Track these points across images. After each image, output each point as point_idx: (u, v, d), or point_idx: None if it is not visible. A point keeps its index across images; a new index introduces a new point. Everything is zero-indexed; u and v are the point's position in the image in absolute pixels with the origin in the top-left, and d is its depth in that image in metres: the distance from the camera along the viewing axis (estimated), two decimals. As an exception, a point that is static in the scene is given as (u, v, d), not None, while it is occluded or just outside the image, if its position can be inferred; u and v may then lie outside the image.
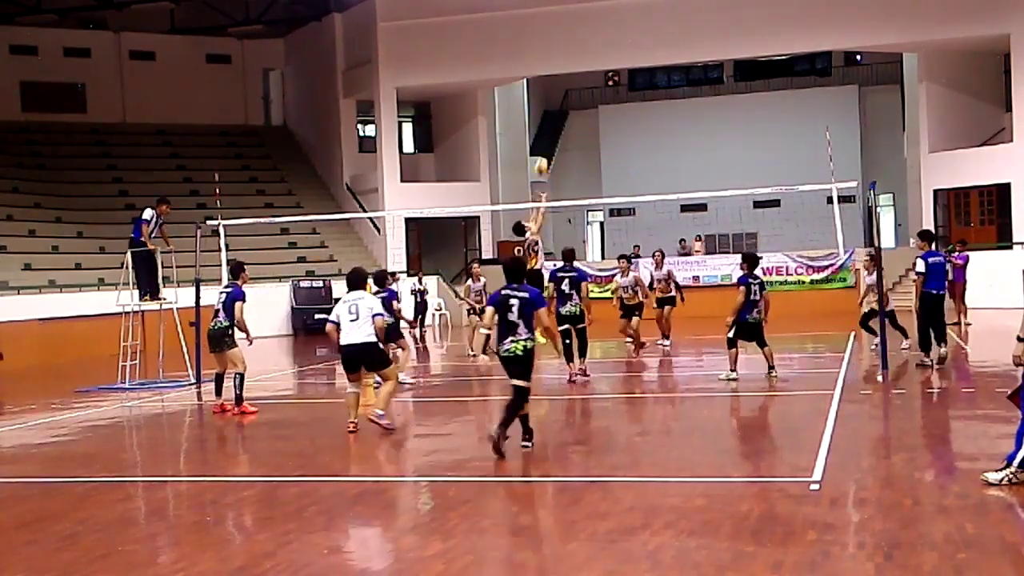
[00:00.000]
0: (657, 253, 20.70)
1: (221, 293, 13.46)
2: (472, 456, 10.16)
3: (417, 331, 26.76)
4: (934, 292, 14.88)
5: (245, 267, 13.75)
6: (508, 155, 39.50)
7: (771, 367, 14.29)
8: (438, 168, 37.49)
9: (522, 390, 9.70)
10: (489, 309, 9.92)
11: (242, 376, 13.24)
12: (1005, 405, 8.57)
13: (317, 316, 30.13)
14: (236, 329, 13.34)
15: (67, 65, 36.76)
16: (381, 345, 11.29)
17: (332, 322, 11.14)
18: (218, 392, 13.58)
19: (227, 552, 6.94)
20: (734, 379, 14.07)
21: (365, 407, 11.37)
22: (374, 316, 10.99)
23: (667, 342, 19.70)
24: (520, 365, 9.68)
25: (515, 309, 9.66)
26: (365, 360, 11.12)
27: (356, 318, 10.94)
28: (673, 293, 20.17)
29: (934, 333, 14.92)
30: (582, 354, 15.03)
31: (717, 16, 30.92)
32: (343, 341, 11.03)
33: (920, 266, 14.80)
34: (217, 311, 13.32)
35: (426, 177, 36.55)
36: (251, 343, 13.80)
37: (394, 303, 14.95)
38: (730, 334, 14.25)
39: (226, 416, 13.16)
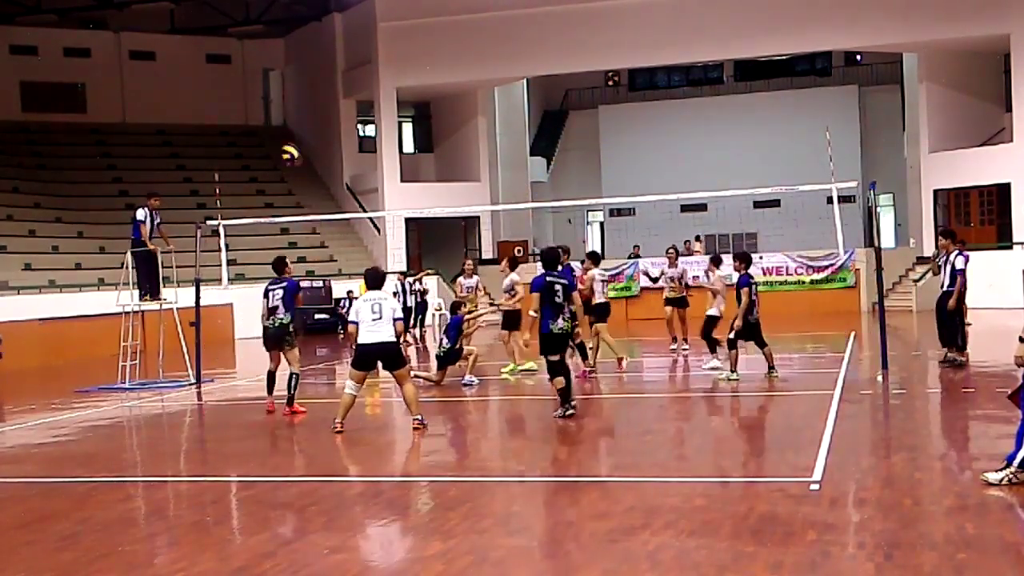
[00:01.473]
0: (671, 251, 19.67)
1: (274, 289, 12.73)
2: (472, 456, 10.17)
3: (417, 331, 26.76)
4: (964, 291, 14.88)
5: (287, 260, 13.28)
6: (508, 155, 39.51)
7: (771, 367, 14.28)
8: (438, 168, 37.50)
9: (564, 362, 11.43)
10: (535, 294, 11.44)
11: (298, 376, 12.91)
12: (1005, 405, 8.57)
13: (317, 316, 30.16)
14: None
15: (67, 65, 36.78)
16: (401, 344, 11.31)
17: (353, 322, 11.05)
18: (270, 390, 13.11)
19: (227, 552, 6.94)
20: (735, 379, 14.06)
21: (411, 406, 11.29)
22: (395, 320, 10.95)
23: (686, 346, 18.63)
24: (567, 340, 11.58)
25: (560, 292, 11.31)
26: (384, 359, 11.06)
27: (380, 317, 10.86)
28: (684, 293, 19.12)
29: (944, 335, 14.90)
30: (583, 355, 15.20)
31: (717, 16, 30.94)
32: (363, 340, 10.93)
33: (960, 262, 14.68)
34: (275, 307, 12.69)
35: (426, 177, 36.57)
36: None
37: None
38: (731, 335, 14.21)
39: (273, 416, 12.80)
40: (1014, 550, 6.27)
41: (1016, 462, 7.49)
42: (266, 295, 12.83)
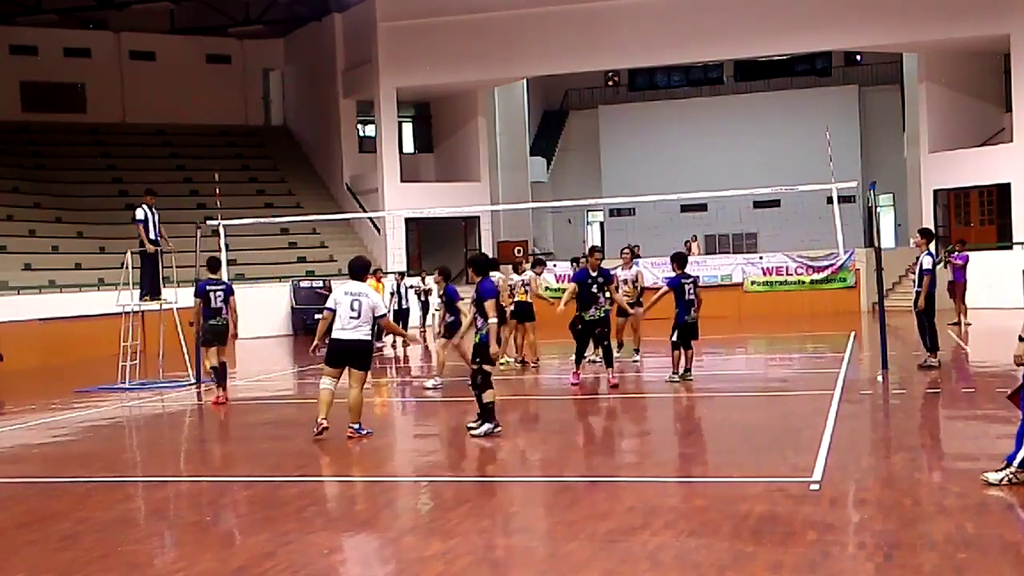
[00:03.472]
0: (626, 251, 17.91)
1: (215, 290, 13.93)
2: (472, 456, 10.16)
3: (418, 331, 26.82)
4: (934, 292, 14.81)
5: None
6: (508, 155, 39.50)
7: (688, 369, 14.38)
8: (438, 168, 37.49)
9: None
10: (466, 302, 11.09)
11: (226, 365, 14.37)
12: (1005, 405, 8.57)
13: (317, 316, 30.12)
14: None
15: (67, 65, 36.75)
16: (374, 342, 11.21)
17: (330, 309, 10.78)
18: (222, 383, 14.20)
19: (227, 552, 6.94)
20: (676, 381, 14.05)
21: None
22: (379, 317, 10.72)
23: (636, 357, 17.35)
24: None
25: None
26: (354, 358, 10.73)
27: (358, 316, 10.59)
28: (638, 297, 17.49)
29: (930, 339, 14.83)
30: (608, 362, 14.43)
31: (717, 16, 30.92)
32: (337, 335, 10.66)
33: (928, 263, 14.68)
34: (220, 308, 13.90)
35: (426, 177, 36.56)
36: (236, 338, 14.59)
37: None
38: (674, 337, 14.22)
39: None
40: (1014, 550, 6.27)
41: (1016, 462, 7.49)
42: (204, 294, 13.86)
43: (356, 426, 10.80)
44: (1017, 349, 7.61)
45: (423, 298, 28.09)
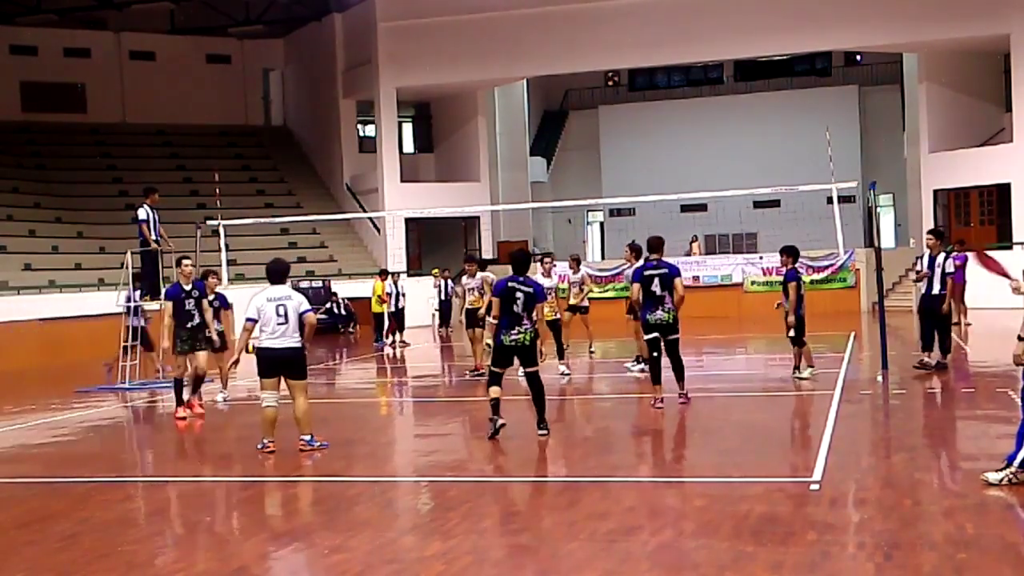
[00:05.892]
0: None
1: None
2: (472, 456, 10.16)
3: (444, 331, 27.16)
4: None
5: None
6: (508, 155, 39.51)
7: (796, 367, 14.33)
8: (438, 168, 37.50)
9: (538, 375, 10.39)
10: (495, 300, 10.32)
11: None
12: (1005, 405, 8.59)
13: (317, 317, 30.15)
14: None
15: (67, 65, 36.76)
16: (306, 350, 10.31)
17: (251, 319, 10.13)
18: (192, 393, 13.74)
19: (227, 552, 6.94)
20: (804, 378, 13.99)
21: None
22: (303, 313, 10.10)
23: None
24: (531, 352, 10.28)
25: (521, 301, 10.13)
26: (288, 367, 10.20)
27: (285, 321, 10.04)
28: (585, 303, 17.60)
29: (927, 338, 14.75)
30: (679, 376, 12.29)
31: (717, 16, 30.92)
32: (266, 343, 10.08)
33: (951, 266, 14.44)
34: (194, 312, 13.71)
35: (426, 177, 36.57)
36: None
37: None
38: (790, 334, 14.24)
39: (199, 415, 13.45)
40: (1014, 550, 6.27)
41: (1016, 462, 7.49)
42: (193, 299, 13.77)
43: (307, 438, 10.27)
44: (1017, 349, 7.62)
45: (444, 295, 28.36)
